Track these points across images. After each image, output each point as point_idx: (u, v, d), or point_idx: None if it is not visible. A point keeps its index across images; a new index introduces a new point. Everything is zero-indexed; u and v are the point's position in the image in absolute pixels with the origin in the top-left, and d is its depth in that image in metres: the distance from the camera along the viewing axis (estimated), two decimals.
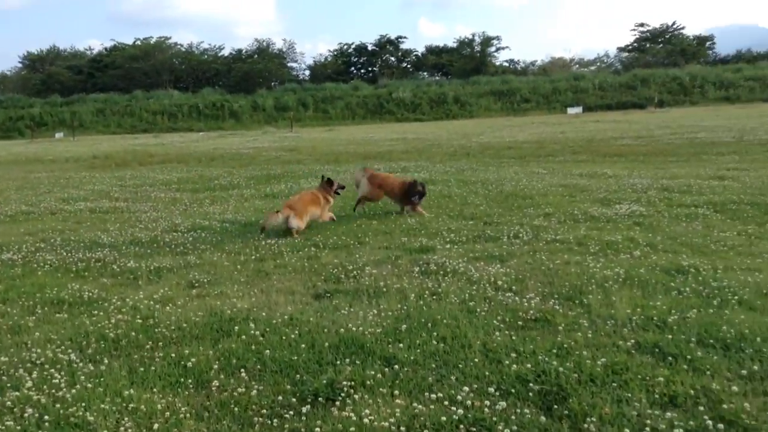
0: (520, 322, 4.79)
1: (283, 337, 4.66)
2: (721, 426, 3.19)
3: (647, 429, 3.22)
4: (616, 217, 8.98)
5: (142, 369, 4.26)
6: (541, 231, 8.20)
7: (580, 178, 13.66)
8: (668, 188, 11.32)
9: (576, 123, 38.04)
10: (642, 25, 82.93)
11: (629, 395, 3.56)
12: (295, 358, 4.29)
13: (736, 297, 5.15)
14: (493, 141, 26.55)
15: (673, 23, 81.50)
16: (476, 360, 4.12)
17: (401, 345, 4.41)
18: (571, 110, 54.66)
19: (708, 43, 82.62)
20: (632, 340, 4.33)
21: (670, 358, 4.02)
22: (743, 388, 3.61)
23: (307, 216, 8.89)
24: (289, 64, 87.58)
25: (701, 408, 3.38)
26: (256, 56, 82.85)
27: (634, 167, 15.27)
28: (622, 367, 3.89)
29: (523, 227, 8.45)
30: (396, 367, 4.05)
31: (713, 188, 11.07)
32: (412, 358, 4.19)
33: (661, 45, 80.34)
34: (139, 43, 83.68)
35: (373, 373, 3.96)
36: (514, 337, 4.48)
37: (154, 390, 3.96)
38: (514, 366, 3.97)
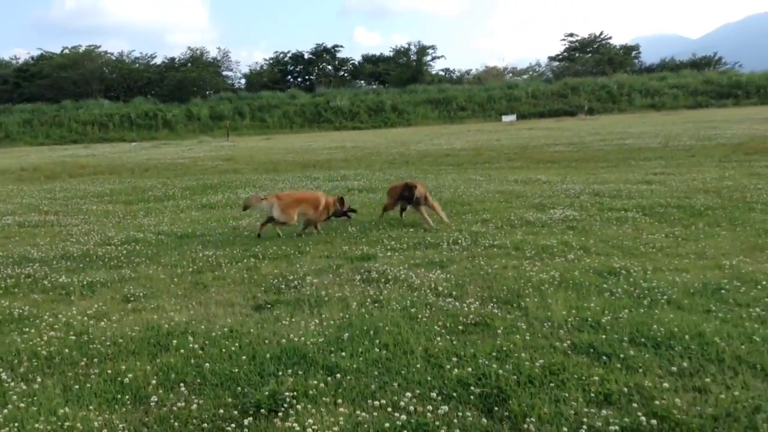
0: (460, 327, 4.86)
1: (223, 350, 4.58)
2: (654, 422, 3.31)
3: (584, 427, 3.31)
4: (550, 221, 9.22)
5: (77, 387, 4.11)
6: (480, 237, 8.34)
7: (516, 184, 13.97)
8: (599, 193, 11.70)
9: (511, 130, 38.91)
10: (571, 35, 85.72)
11: (566, 395, 3.66)
12: (236, 370, 4.22)
13: (665, 297, 5.36)
14: (431, 149, 26.87)
15: (601, 33, 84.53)
16: (418, 366, 4.15)
17: (343, 353, 4.40)
18: (505, 118, 55.89)
19: (634, 52, 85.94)
20: (568, 341, 4.45)
21: (604, 358, 4.15)
22: (674, 384, 3.76)
23: (295, 212, 8.89)
24: (224, 73, 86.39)
25: (635, 405, 3.50)
26: (189, 64, 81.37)
27: (567, 173, 15.72)
28: (559, 368, 3.99)
29: (462, 233, 8.57)
30: (338, 375, 4.04)
31: (641, 192, 11.51)
32: (354, 366, 4.19)
33: (589, 54, 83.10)
34: (67, 51, 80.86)
35: (315, 382, 3.94)
36: (455, 342, 4.54)
37: (90, 408, 3.82)
38: (456, 370, 4.02)
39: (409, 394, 3.75)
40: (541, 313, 5.10)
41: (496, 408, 3.58)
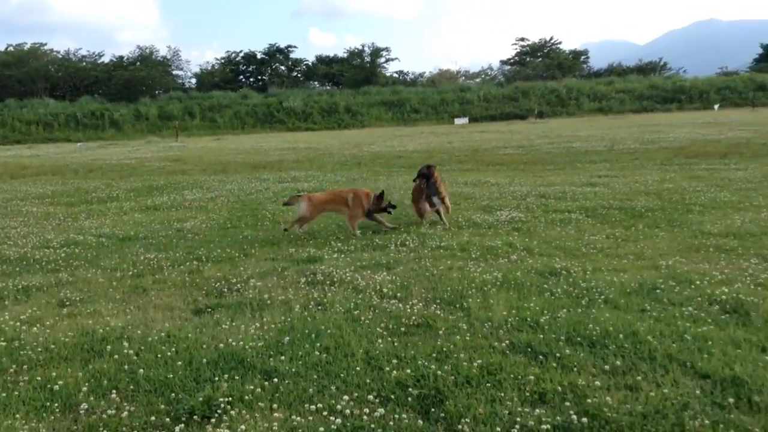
0: (402, 329, 4.86)
1: (159, 355, 4.48)
2: (585, 420, 3.37)
3: (517, 426, 3.34)
4: (497, 223, 9.32)
5: (4, 394, 3.97)
6: (427, 238, 8.38)
7: (465, 186, 14.09)
8: (545, 195, 11.90)
9: (463, 133, 39.26)
10: (522, 39, 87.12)
11: (502, 394, 3.69)
12: (171, 376, 4.12)
13: (602, 296, 5.47)
14: (384, 150, 26.90)
15: (551, 38, 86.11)
16: (358, 368, 4.13)
17: (283, 357, 4.35)
18: (458, 121, 56.37)
19: (582, 57, 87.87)
20: (507, 341, 4.50)
21: (541, 357, 4.21)
22: (606, 382, 3.83)
23: (318, 211, 9.16)
24: (174, 72, 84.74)
25: (567, 403, 3.56)
26: (138, 63, 79.53)
27: (515, 175, 15.94)
28: (497, 368, 4.03)
29: (410, 235, 8.60)
30: (276, 380, 3.99)
31: (585, 194, 11.75)
32: (293, 370, 4.15)
33: (540, 59, 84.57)
34: (11, 49, 78.12)
35: (252, 387, 3.88)
36: (396, 344, 4.54)
37: (17, 416, 3.69)
38: (395, 372, 4.02)
39: (346, 397, 3.73)
40: (483, 313, 5.14)
41: (433, 409, 3.59)
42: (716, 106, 56.28)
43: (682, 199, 10.72)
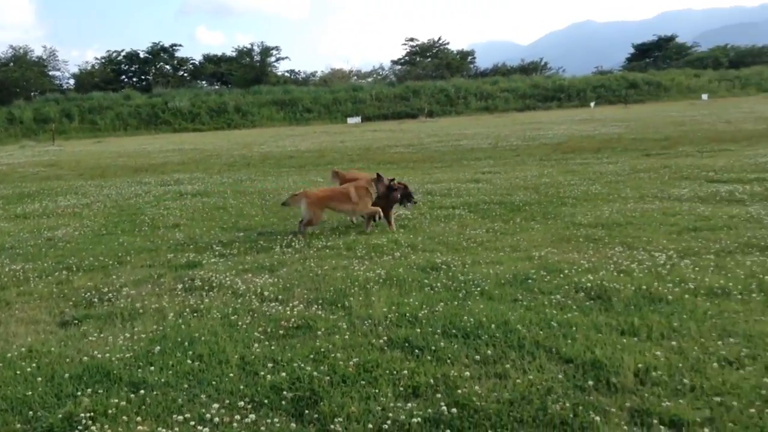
0: (281, 332, 4.79)
1: (18, 372, 4.19)
2: (454, 411, 3.45)
3: (389, 422, 3.37)
4: (384, 221, 9.40)
5: None
6: (314, 238, 8.33)
7: None
8: (432, 192, 12.15)
9: (355, 132, 39.46)
10: (412, 39, 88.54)
11: (377, 391, 3.71)
12: (30, 393, 3.86)
13: (478, 288, 5.64)
14: (275, 150, 26.57)
15: (439, 39, 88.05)
16: (232, 375, 4.03)
17: (152, 368, 4.17)
18: (351, 120, 56.58)
19: (469, 57, 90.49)
20: (385, 337, 4.54)
21: (417, 351, 4.28)
22: (478, 372, 3.95)
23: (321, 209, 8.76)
24: (50, 73, 79.63)
25: (439, 395, 3.63)
26: (11, 64, 74.12)
27: (405, 173, 16.16)
28: (373, 365, 4.05)
29: (296, 236, 8.52)
30: (144, 391, 3.82)
31: (469, 190, 12.11)
32: (163, 380, 3.99)
33: (429, 59, 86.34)
34: None
35: (117, 400, 3.69)
36: (273, 347, 4.47)
37: None
38: (270, 376, 3.95)
39: (217, 405, 3.62)
40: (364, 311, 5.16)
41: (307, 411, 3.55)
42: (592, 104, 59.66)
43: (557, 192, 11.25)
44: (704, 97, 57.39)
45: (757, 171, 12.23)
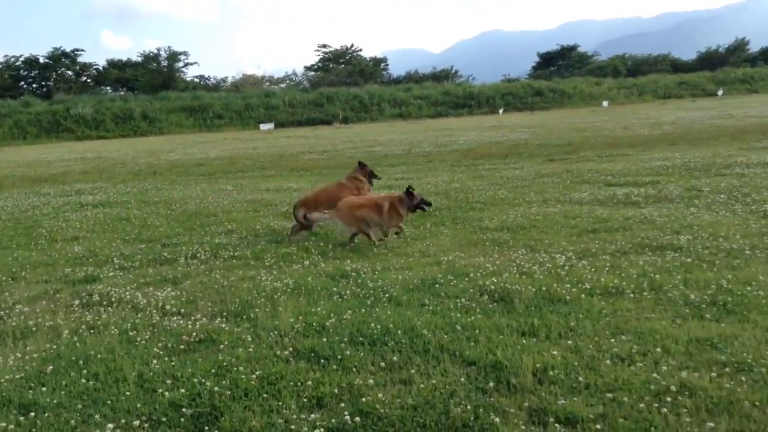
0: (182, 346, 4.64)
1: None
2: (358, 419, 3.44)
3: None
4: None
5: None
6: (221, 249, 8.14)
7: (267, 192, 13.96)
8: None
9: (268, 139, 38.97)
10: (324, 46, 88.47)
11: (280, 403, 3.65)
12: None
13: (387, 295, 5.67)
14: (183, 158, 25.85)
15: (352, 45, 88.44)
16: (128, 393, 3.87)
17: (44, 388, 3.95)
18: (263, 126, 55.82)
19: (382, 64, 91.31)
20: (291, 348, 4.48)
21: (323, 361, 4.24)
22: (383, 379, 3.95)
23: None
24: None
25: (343, 405, 3.61)
26: None
27: (318, 180, 16.07)
28: (277, 377, 3.98)
29: (202, 246, 8.30)
30: (34, 414, 3.61)
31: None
32: (55, 401, 3.78)
33: (342, 65, 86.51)
34: None
35: (5, 424, 3.47)
36: (173, 363, 4.32)
37: None
38: (168, 393, 3.82)
39: (112, 425, 3.47)
40: (270, 322, 5.07)
41: (207, 427, 3.45)
42: (501, 111, 61.43)
43: (466, 197, 11.49)
44: (605, 104, 60.20)
45: (652, 174, 12.91)
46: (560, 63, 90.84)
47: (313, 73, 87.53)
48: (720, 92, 63.78)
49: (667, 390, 3.59)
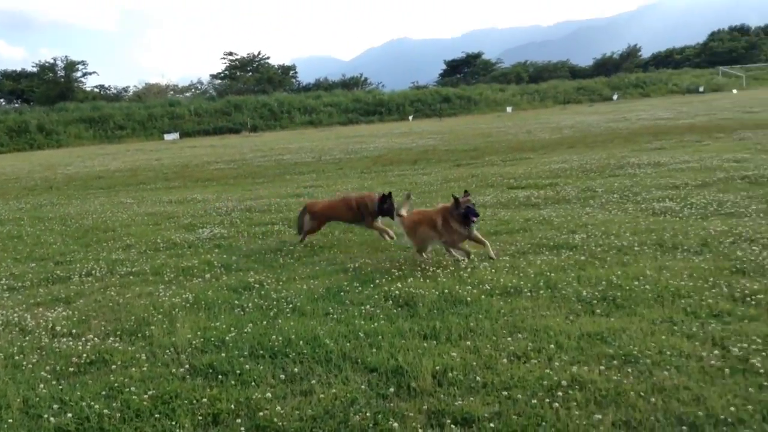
0: (72, 369, 4.41)
1: None
2: None
3: None
4: (197, 241, 9.07)
5: None
6: (118, 264, 7.81)
7: (169, 205, 13.54)
8: (251, 209, 11.93)
9: (173, 149, 37.87)
10: (231, 54, 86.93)
11: (173, 423, 3.53)
12: None
13: (290, 305, 5.59)
14: (81, 171, 24.71)
15: (259, 53, 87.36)
16: (11, 420, 3.64)
17: None
18: (168, 136, 54.22)
19: (291, 72, 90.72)
20: (187, 365, 4.34)
21: (221, 376, 4.13)
22: (283, 391, 3.89)
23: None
24: None
25: (239, 420, 3.52)
26: None
27: (224, 190, 15.77)
28: (172, 395, 3.85)
29: (98, 263, 7.94)
30: None
31: (290, 205, 12.04)
32: None
33: (250, 73, 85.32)
34: None
35: None
36: (61, 387, 4.09)
37: None
38: (54, 419, 3.62)
39: None
40: (166, 339, 4.90)
41: None
42: (410, 117, 62.35)
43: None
44: (509, 109, 62.27)
45: (551, 177, 13.41)
46: (466, 70, 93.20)
47: (219, 81, 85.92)
48: (615, 97, 67.28)
49: (558, 385, 3.71)
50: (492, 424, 3.34)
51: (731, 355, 3.95)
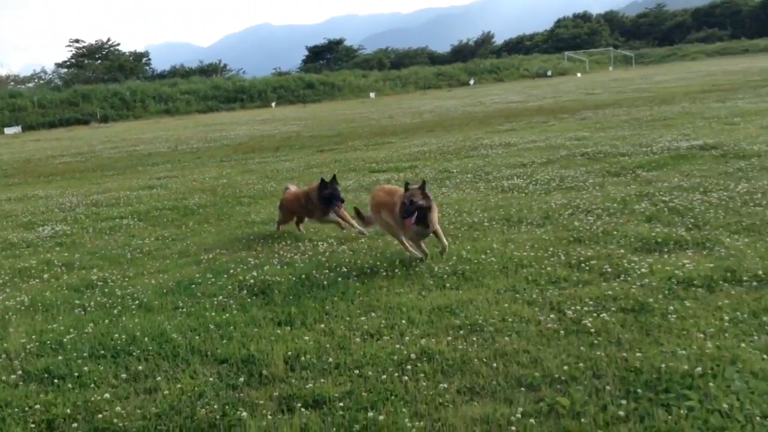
0: None
1: None
2: None
3: None
4: (37, 240, 8.41)
5: None
6: None
7: (8, 203, 12.47)
8: (98, 203, 11.22)
9: (14, 144, 34.89)
10: (77, 41, 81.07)
11: (5, 430, 3.23)
12: None
13: (137, 302, 5.31)
14: None
15: (108, 40, 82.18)
16: None
17: None
18: (8, 130, 49.83)
19: (144, 59, 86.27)
20: (20, 371, 4.00)
21: (57, 381, 3.84)
22: (125, 391, 3.67)
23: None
24: None
25: (76, 425, 3.29)
26: None
27: (69, 185, 14.72)
28: (2, 404, 3.53)
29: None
30: None
31: (141, 198, 11.45)
32: None
33: (99, 61, 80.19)
34: None
35: None
36: None
37: None
38: None
39: None
40: None
41: None
42: (274, 104, 61.41)
43: (233, 192, 11.24)
44: (372, 95, 63.01)
45: (411, 159, 13.70)
46: (329, 56, 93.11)
47: (65, 70, 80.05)
48: (472, 82, 70.05)
49: (408, 359, 3.79)
50: (342, 404, 3.34)
51: (566, 318, 4.21)
